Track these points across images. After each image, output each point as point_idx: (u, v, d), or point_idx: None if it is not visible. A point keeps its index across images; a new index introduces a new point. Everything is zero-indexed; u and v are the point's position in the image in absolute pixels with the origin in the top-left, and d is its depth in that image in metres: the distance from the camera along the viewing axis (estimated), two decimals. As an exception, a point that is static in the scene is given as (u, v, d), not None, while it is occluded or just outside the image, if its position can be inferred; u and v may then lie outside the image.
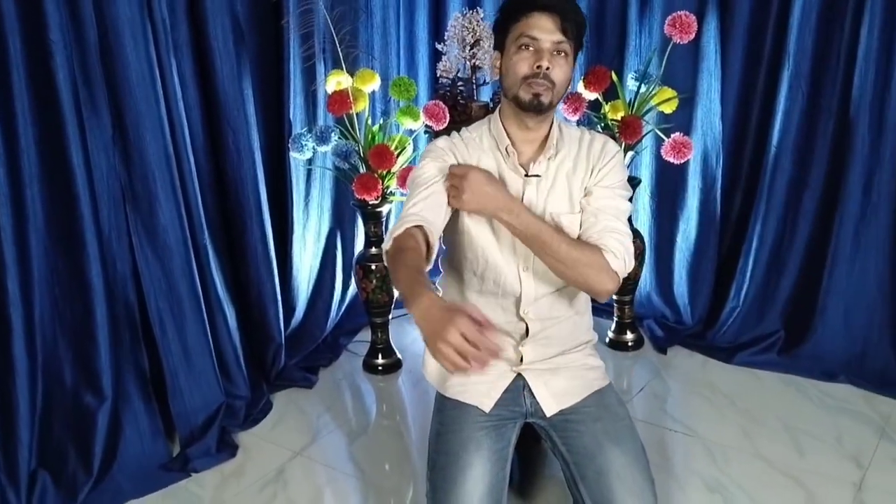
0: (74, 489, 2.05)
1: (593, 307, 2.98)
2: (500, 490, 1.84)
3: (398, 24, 2.94)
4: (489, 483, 1.82)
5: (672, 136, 2.45)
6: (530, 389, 1.94)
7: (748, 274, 2.71)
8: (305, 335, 2.83)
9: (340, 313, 2.99)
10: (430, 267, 1.66)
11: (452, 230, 1.89)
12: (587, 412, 1.90)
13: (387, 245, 1.75)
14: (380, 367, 2.75)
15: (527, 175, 1.82)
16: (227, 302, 2.42)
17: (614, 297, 2.80)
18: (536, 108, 1.74)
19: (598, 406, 1.86)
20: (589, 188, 1.83)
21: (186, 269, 2.22)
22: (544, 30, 1.65)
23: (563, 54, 1.68)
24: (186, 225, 2.20)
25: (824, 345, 2.59)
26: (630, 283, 2.76)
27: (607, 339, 2.86)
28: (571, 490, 1.88)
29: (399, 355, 2.78)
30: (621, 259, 1.76)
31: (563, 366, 1.96)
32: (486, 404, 1.92)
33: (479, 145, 1.85)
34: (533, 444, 2.20)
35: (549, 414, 1.92)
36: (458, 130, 1.92)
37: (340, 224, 2.90)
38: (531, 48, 1.67)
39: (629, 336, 2.84)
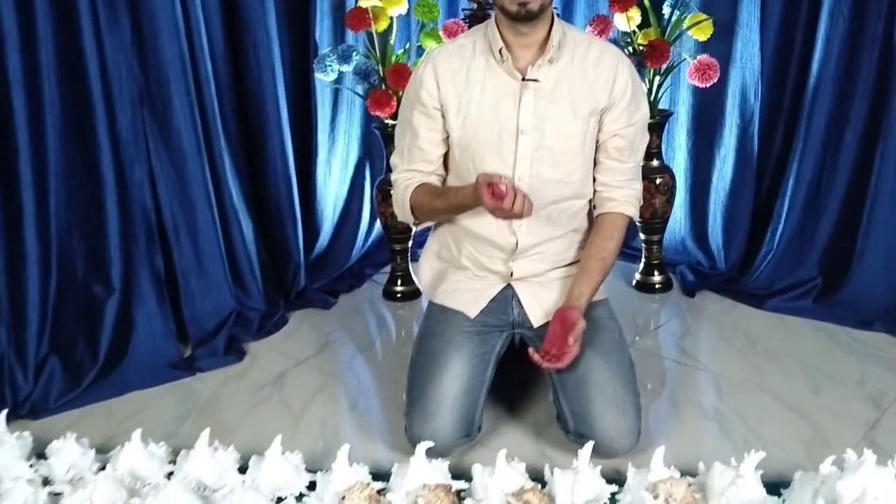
0: (80, 375, 2.14)
1: (622, 251, 2.94)
2: (477, 391, 1.84)
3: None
4: (466, 383, 1.82)
5: (697, 57, 2.35)
6: (519, 300, 1.91)
7: (784, 216, 2.57)
8: (329, 261, 2.86)
9: (368, 244, 3.00)
10: None
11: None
12: (574, 323, 1.85)
13: (407, 216, 1.90)
14: (398, 295, 2.75)
15: (524, 79, 1.78)
16: (243, 213, 2.47)
17: (642, 236, 2.71)
18: (526, 17, 1.70)
19: (586, 318, 1.81)
20: (609, 130, 1.82)
21: (199, 173, 2.27)
22: None
23: None
24: (200, 129, 2.26)
25: (862, 291, 2.43)
26: (658, 221, 2.66)
27: (634, 282, 2.77)
28: (555, 401, 1.86)
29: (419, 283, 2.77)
30: (637, 207, 1.92)
31: (556, 279, 1.92)
32: (472, 311, 1.91)
33: (470, 51, 1.82)
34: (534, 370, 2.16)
35: (535, 325, 1.90)
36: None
37: (370, 155, 2.90)
38: None
39: (657, 278, 2.73)
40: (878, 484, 1.46)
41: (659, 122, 2.56)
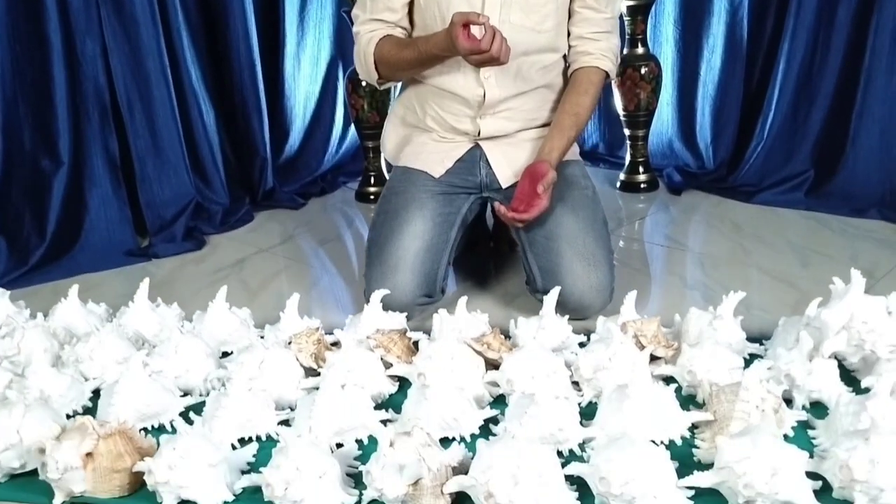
0: (27, 252, 2.04)
1: (604, 157, 2.82)
2: (440, 250, 1.73)
3: None
4: (428, 241, 1.71)
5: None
6: (487, 160, 1.80)
7: (774, 104, 2.44)
8: (301, 165, 2.73)
9: (341, 152, 2.87)
10: None
11: None
12: (545, 180, 1.73)
13: (370, 72, 1.75)
14: (371, 196, 2.62)
15: None
16: (203, 98, 2.35)
17: (626, 132, 2.58)
18: None
19: (557, 175, 1.68)
20: None
21: (154, 45, 2.15)
22: None
23: None
24: (156, -1, 2.14)
25: (855, 178, 2.30)
26: (643, 114, 2.53)
27: (618, 183, 2.64)
28: (523, 264, 1.75)
29: (393, 184, 2.64)
30: (615, 63, 1.79)
31: (526, 140, 1.80)
32: (437, 171, 1.80)
33: None
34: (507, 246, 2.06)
35: (504, 185, 1.79)
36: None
37: (343, 54, 2.77)
38: None
39: (642, 176, 2.60)
40: (867, 309, 1.34)
41: (644, 4, 2.43)
